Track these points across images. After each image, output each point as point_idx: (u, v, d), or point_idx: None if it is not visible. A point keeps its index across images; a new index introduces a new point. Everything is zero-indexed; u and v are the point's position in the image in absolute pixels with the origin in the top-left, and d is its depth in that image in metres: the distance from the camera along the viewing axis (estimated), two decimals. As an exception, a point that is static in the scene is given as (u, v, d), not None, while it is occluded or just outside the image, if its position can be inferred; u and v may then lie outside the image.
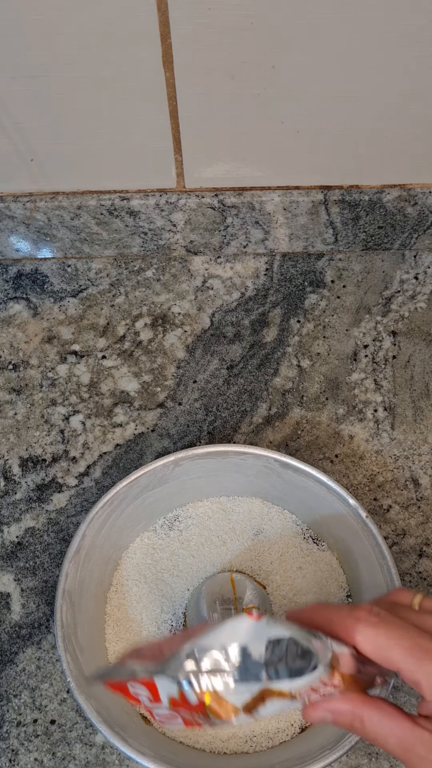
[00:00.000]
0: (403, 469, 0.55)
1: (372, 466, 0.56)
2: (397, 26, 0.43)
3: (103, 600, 0.50)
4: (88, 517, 0.46)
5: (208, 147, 0.52)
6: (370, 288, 0.62)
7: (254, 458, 0.48)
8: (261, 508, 0.53)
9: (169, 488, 0.50)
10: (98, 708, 0.41)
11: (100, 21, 0.42)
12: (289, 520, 0.53)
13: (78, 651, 0.43)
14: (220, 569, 0.51)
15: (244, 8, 0.41)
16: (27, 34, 0.43)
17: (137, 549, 0.52)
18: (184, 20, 0.42)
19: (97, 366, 0.60)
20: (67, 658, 0.42)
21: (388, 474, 0.55)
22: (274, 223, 0.59)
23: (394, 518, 0.54)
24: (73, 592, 0.45)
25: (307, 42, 0.44)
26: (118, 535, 0.50)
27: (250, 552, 0.52)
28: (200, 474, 0.50)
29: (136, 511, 0.50)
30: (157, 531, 0.53)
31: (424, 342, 0.60)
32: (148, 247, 0.62)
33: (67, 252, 0.62)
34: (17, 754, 0.48)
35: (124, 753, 0.40)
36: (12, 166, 0.54)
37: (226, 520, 0.53)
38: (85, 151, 0.52)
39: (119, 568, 0.51)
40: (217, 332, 0.61)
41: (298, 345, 0.60)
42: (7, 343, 0.60)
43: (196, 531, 0.52)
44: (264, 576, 0.51)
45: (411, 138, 0.52)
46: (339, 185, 0.57)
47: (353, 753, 0.48)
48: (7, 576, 0.53)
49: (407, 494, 0.55)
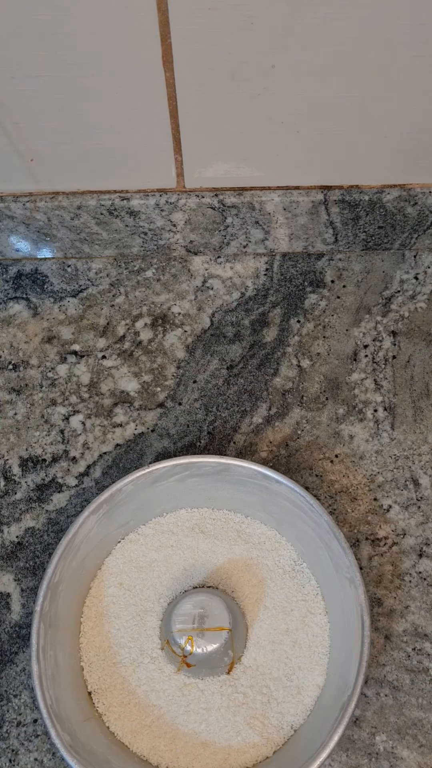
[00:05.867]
0: (403, 469, 0.55)
1: (372, 466, 0.56)
2: (397, 26, 0.43)
3: (81, 605, 0.51)
4: (70, 532, 0.47)
5: (208, 147, 0.52)
6: (370, 288, 0.62)
7: (240, 469, 0.48)
8: (241, 521, 0.53)
9: (148, 498, 0.51)
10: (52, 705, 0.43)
11: (100, 21, 0.42)
12: (270, 536, 0.52)
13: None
14: (196, 583, 0.51)
15: (244, 8, 0.41)
16: (27, 34, 0.43)
17: (117, 556, 0.52)
18: (184, 20, 0.42)
19: (97, 366, 0.60)
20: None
21: (388, 474, 0.55)
22: (274, 223, 0.59)
23: (394, 518, 0.54)
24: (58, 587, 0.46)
25: (307, 42, 0.44)
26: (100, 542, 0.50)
27: (228, 565, 0.51)
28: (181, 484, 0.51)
29: (118, 518, 0.50)
30: (136, 539, 0.52)
31: (424, 342, 0.60)
32: (148, 247, 0.62)
33: (67, 252, 0.62)
34: (17, 754, 0.48)
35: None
36: (12, 166, 0.54)
37: (205, 532, 0.53)
38: (85, 151, 0.52)
39: (98, 575, 0.52)
40: (217, 332, 0.61)
41: (298, 345, 0.60)
42: (7, 343, 0.60)
43: (174, 541, 0.52)
44: (239, 591, 0.51)
45: (411, 138, 0.52)
46: (339, 185, 0.57)
47: (353, 753, 0.48)
48: (7, 576, 0.53)
49: (407, 494, 0.55)
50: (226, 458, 0.48)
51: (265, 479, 0.48)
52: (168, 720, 0.47)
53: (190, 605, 0.47)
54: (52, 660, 0.45)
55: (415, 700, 0.49)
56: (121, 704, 0.48)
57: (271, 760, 0.46)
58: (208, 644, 0.46)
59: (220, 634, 0.46)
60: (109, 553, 0.52)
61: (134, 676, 0.48)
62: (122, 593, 0.51)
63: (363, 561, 0.53)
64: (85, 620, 0.50)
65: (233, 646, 0.47)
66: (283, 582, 0.51)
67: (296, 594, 0.50)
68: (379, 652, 0.50)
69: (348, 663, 0.44)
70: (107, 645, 0.49)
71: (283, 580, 0.51)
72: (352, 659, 0.44)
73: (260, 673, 0.48)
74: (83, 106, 0.49)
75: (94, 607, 0.50)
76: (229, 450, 0.57)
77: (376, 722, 0.49)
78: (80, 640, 0.49)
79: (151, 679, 0.48)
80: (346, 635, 0.46)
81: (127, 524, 0.52)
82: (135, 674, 0.48)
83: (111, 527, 0.50)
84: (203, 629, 0.46)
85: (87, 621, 0.50)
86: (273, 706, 0.47)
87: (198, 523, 0.53)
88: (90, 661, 0.49)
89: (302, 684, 0.48)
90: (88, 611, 0.50)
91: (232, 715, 0.47)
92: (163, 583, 0.51)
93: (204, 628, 0.46)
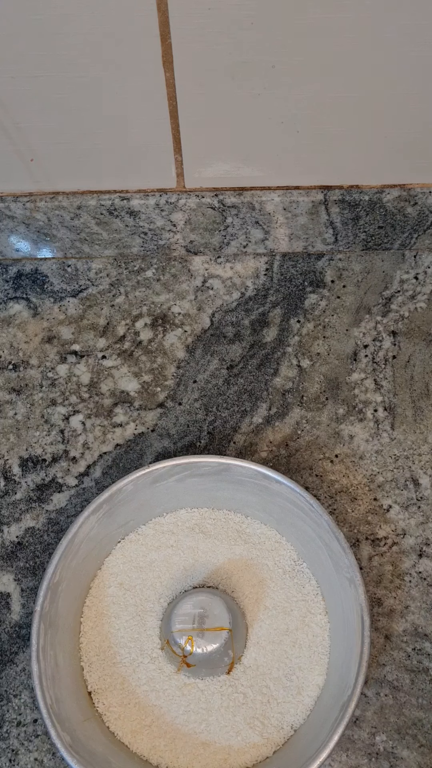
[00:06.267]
0: (403, 469, 0.55)
1: (372, 466, 0.56)
2: (398, 26, 0.43)
3: (81, 605, 0.51)
4: (70, 533, 0.47)
5: (208, 147, 0.52)
6: (370, 288, 0.62)
7: (240, 469, 0.48)
8: (241, 521, 0.53)
9: (148, 497, 0.51)
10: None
11: (100, 21, 0.42)
12: (270, 536, 0.52)
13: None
14: (196, 583, 0.51)
15: (244, 8, 0.41)
16: (27, 34, 0.43)
17: (117, 556, 0.52)
18: (184, 20, 0.42)
19: (97, 366, 0.60)
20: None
21: (388, 474, 0.55)
22: (274, 223, 0.59)
23: (394, 518, 0.54)
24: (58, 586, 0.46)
25: (307, 42, 0.44)
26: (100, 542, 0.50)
27: (228, 565, 0.51)
28: (181, 484, 0.51)
29: (118, 518, 0.50)
30: (136, 539, 0.52)
31: (424, 342, 0.60)
32: (148, 247, 0.62)
33: (67, 252, 0.62)
34: (17, 754, 0.48)
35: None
36: (12, 166, 0.54)
37: (205, 532, 0.52)
38: (85, 151, 0.52)
39: (98, 575, 0.52)
40: (217, 332, 0.61)
41: (298, 345, 0.60)
42: (7, 343, 0.60)
43: (174, 541, 0.52)
44: (239, 591, 0.51)
45: (411, 138, 0.52)
46: (339, 185, 0.57)
47: (353, 753, 0.48)
48: (7, 576, 0.53)
49: (407, 494, 0.55)
50: (226, 458, 0.48)
51: (265, 479, 0.48)
52: (168, 720, 0.47)
53: (190, 605, 0.47)
54: (52, 660, 0.45)
55: (415, 700, 0.49)
56: (121, 704, 0.48)
57: (271, 760, 0.46)
58: (208, 644, 0.46)
59: (220, 634, 0.46)
60: (109, 553, 0.52)
61: (134, 676, 0.48)
62: (122, 593, 0.51)
63: (363, 561, 0.53)
64: (85, 620, 0.50)
65: (233, 646, 0.47)
66: (283, 582, 0.50)
67: (296, 594, 0.50)
68: (379, 652, 0.50)
69: (348, 663, 0.44)
70: (107, 645, 0.49)
71: (283, 580, 0.51)
72: (352, 659, 0.44)
73: (260, 673, 0.48)
74: (83, 106, 0.49)
75: (94, 607, 0.50)
76: (229, 450, 0.57)
77: (376, 722, 0.49)
78: (80, 640, 0.49)
79: (151, 679, 0.48)
80: (346, 635, 0.46)
81: (127, 524, 0.52)
82: (135, 674, 0.48)
83: (111, 527, 0.50)
84: (203, 629, 0.46)
85: (87, 621, 0.50)
86: (273, 706, 0.47)
87: (198, 523, 0.53)
88: (90, 661, 0.49)
89: (302, 684, 0.48)
90: (88, 611, 0.50)
91: (232, 715, 0.47)
92: (163, 583, 0.51)
93: (204, 628, 0.46)
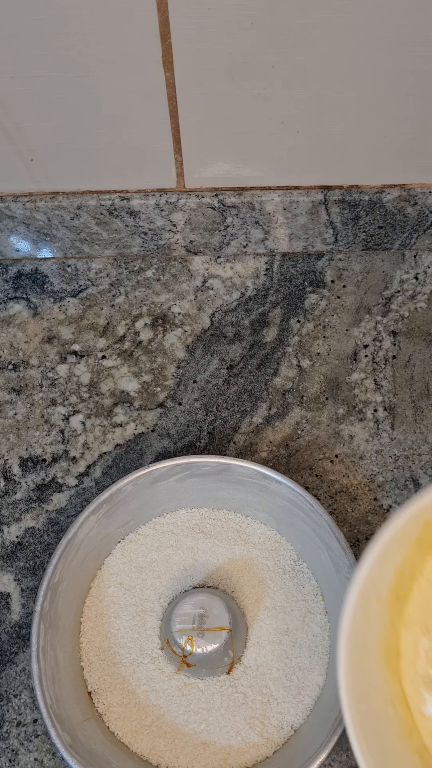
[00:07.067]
0: (403, 469, 0.55)
1: (372, 466, 0.56)
2: (398, 26, 0.43)
3: (81, 605, 0.51)
4: (70, 532, 0.47)
5: (208, 147, 0.52)
6: (370, 288, 0.62)
7: (240, 469, 0.48)
8: (241, 521, 0.53)
9: (148, 498, 0.51)
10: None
11: (100, 21, 0.42)
12: (270, 536, 0.52)
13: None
14: (196, 583, 0.51)
15: (244, 8, 0.41)
16: (27, 34, 0.43)
17: (117, 556, 0.52)
18: (184, 20, 0.42)
19: (97, 366, 0.60)
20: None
21: (388, 474, 0.55)
22: (274, 223, 0.59)
23: (394, 518, 0.54)
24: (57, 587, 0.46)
25: (307, 42, 0.44)
26: (100, 542, 0.50)
27: (228, 565, 0.51)
28: (181, 484, 0.51)
29: (118, 518, 0.50)
30: (136, 539, 0.52)
31: (424, 342, 0.60)
32: (148, 247, 0.62)
33: (67, 252, 0.62)
34: (17, 754, 0.48)
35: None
36: (12, 166, 0.54)
37: (205, 532, 0.52)
38: (85, 151, 0.52)
39: (98, 575, 0.52)
40: (217, 332, 0.61)
41: (298, 345, 0.60)
42: (7, 343, 0.60)
43: (174, 541, 0.52)
44: (239, 591, 0.51)
45: (411, 138, 0.52)
46: (339, 185, 0.57)
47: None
48: (7, 576, 0.53)
49: (407, 494, 0.55)
50: (226, 458, 0.48)
51: (265, 479, 0.48)
52: (168, 720, 0.47)
53: (190, 605, 0.47)
54: (52, 660, 0.45)
55: (415, 700, 0.49)
56: (121, 704, 0.48)
57: (271, 760, 0.46)
58: (208, 644, 0.46)
59: (220, 634, 0.46)
60: (109, 553, 0.52)
61: (134, 676, 0.48)
62: (122, 593, 0.51)
63: (363, 561, 0.53)
64: (85, 620, 0.50)
65: (233, 646, 0.47)
66: (283, 582, 0.50)
67: (296, 594, 0.50)
68: (379, 652, 0.50)
69: (348, 663, 0.44)
70: (107, 645, 0.49)
71: (283, 580, 0.51)
72: (352, 659, 0.44)
73: (260, 673, 0.48)
74: (83, 106, 0.49)
75: (94, 607, 0.50)
76: (229, 450, 0.57)
77: (376, 722, 0.49)
78: (80, 640, 0.49)
79: (151, 679, 0.48)
80: None
81: (127, 524, 0.52)
82: (135, 674, 0.48)
83: (111, 527, 0.50)
84: (203, 629, 0.46)
85: (87, 621, 0.50)
86: (273, 706, 0.47)
87: (198, 523, 0.53)
88: (90, 661, 0.49)
89: (302, 684, 0.48)
90: (88, 611, 0.50)
91: (232, 715, 0.47)
92: (163, 583, 0.51)
93: (204, 628, 0.46)
